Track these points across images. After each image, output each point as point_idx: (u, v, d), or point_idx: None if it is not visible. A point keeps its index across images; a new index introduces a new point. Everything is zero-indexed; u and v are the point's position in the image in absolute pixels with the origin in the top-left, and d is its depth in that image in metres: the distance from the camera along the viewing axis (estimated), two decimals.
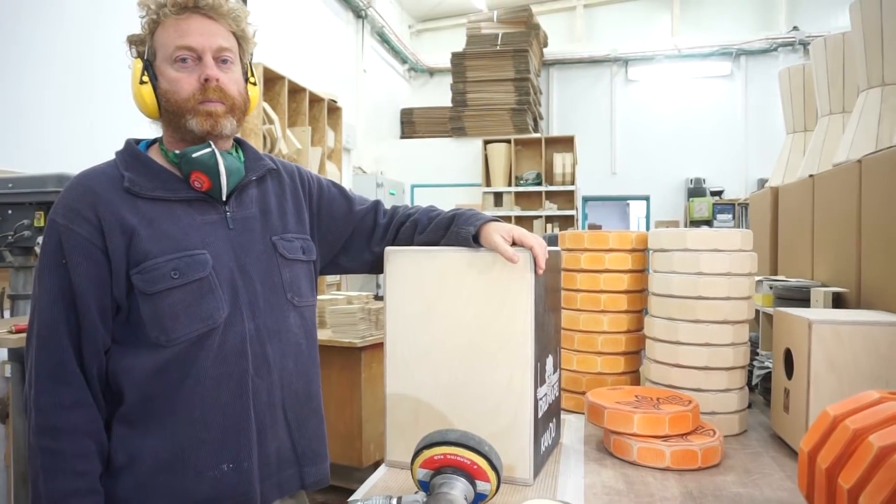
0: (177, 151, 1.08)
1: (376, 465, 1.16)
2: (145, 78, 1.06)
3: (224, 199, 1.10)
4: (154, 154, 1.12)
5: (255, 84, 1.17)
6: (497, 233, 1.07)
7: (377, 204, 1.31)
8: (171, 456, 1.01)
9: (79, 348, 1.00)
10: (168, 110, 1.07)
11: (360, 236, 1.28)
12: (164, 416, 1.02)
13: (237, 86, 1.10)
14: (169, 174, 1.08)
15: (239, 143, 1.19)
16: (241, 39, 1.14)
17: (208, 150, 1.07)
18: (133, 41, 1.10)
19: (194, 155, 1.06)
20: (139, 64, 1.07)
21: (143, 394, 1.02)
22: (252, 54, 1.19)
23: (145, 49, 1.08)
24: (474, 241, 1.10)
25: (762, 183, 7.75)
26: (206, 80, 1.05)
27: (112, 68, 3.41)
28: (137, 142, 1.13)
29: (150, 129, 1.16)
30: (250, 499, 1.04)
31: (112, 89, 3.42)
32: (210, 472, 1.02)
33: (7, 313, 2.43)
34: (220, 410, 1.03)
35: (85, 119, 3.25)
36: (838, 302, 1.49)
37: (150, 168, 1.08)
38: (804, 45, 8.24)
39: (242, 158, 1.16)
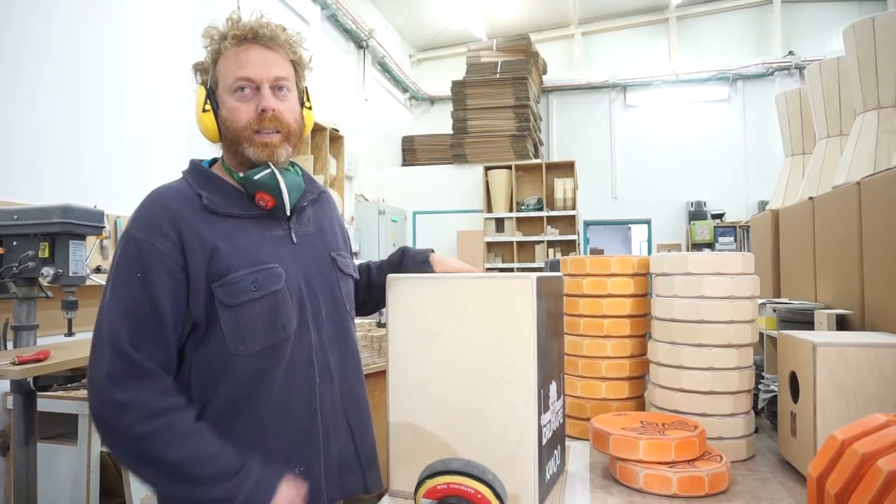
0: (240, 174, 1.14)
1: (380, 496, 1.15)
2: (207, 106, 1.13)
3: (288, 214, 1.16)
4: (219, 173, 1.18)
5: (310, 108, 1.22)
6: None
7: None
8: None
9: (147, 357, 1.01)
10: (227, 137, 1.14)
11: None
12: (241, 426, 1.07)
13: (293, 113, 1.16)
14: (238, 192, 1.15)
15: (292, 164, 1.24)
16: (297, 66, 1.19)
17: (268, 170, 1.13)
18: (198, 69, 1.16)
19: (255, 177, 1.12)
20: (203, 92, 1.14)
21: (224, 406, 1.07)
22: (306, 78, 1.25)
23: (209, 77, 1.15)
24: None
25: (763, 205, 7.77)
26: (263, 110, 1.11)
27: (109, 99, 3.46)
28: (200, 161, 1.20)
29: (147, 158, 1.19)
30: (321, 500, 1.11)
31: (109, 118, 3.46)
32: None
33: (10, 344, 2.43)
34: (290, 418, 1.10)
35: (78, 151, 3.28)
36: (842, 324, 1.48)
37: (221, 187, 1.14)
38: (800, 69, 8.34)
39: (300, 173, 1.21)
